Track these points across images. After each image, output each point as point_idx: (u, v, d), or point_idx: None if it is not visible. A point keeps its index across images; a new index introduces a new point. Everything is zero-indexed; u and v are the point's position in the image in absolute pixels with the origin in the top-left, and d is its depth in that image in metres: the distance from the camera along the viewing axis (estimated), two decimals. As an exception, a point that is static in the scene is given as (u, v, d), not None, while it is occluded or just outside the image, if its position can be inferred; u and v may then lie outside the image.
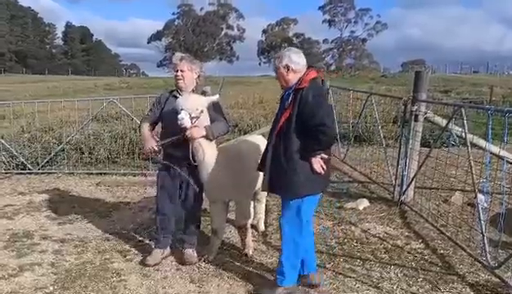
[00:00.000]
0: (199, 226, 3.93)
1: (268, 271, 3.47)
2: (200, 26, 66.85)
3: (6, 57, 68.39)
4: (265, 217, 4.42)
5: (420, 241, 4.03)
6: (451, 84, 26.00)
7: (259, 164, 3.22)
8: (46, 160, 7.01)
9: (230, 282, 3.40)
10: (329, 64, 65.84)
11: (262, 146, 3.49)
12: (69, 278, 3.48)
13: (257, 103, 16.07)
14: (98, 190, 6.06)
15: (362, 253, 3.82)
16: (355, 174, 6.30)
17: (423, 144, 5.27)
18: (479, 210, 3.58)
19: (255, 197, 4.11)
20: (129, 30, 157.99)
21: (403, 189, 4.87)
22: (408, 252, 3.81)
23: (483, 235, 3.47)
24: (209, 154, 3.39)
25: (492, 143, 4.06)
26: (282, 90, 3.12)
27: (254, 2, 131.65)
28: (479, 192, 3.86)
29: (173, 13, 69.02)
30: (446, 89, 22.81)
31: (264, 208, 4.38)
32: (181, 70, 3.59)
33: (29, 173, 6.89)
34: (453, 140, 4.39)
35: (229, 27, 70.03)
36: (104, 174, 6.79)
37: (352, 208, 4.87)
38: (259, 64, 70.87)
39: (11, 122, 8.51)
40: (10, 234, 4.39)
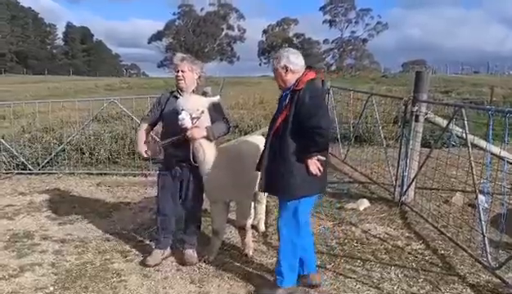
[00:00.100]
0: (199, 227, 3.93)
1: (269, 272, 3.47)
2: (201, 26, 66.89)
3: (6, 58, 68.46)
4: (265, 218, 4.42)
5: (421, 241, 4.03)
6: (452, 84, 25.99)
7: (257, 164, 3.23)
8: (46, 160, 7.02)
9: (230, 282, 3.40)
10: (329, 64, 65.97)
11: (262, 146, 3.48)
12: (69, 279, 3.48)
13: (257, 103, 16.08)
14: (99, 190, 6.06)
15: (363, 254, 3.82)
16: (355, 174, 6.30)
17: (423, 144, 5.27)
18: (480, 210, 3.58)
19: (255, 197, 4.11)
20: (129, 30, 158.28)
21: (404, 190, 4.87)
22: (409, 253, 3.81)
23: (484, 236, 3.47)
24: (210, 155, 3.39)
25: (493, 143, 4.06)
26: (280, 90, 3.11)
27: (254, 3, 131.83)
28: (480, 192, 3.85)
29: (174, 13, 69.20)
30: (446, 89, 22.80)
31: (264, 209, 4.38)
32: (182, 71, 3.59)
33: (30, 173, 6.89)
34: (454, 141, 4.38)
35: (229, 27, 70.12)
36: (104, 174, 6.80)
37: (352, 209, 4.87)
38: (260, 64, 70.96)
39: (12, 123, 8.51)
40: (10, 235, 4.40)
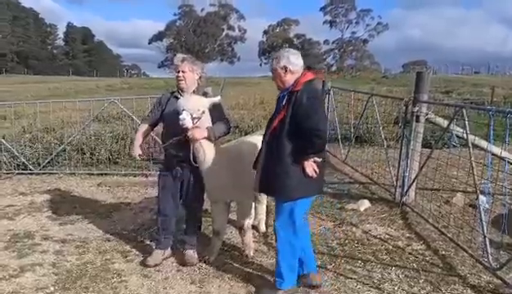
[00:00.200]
0: (200, 227, 3.94)
1: (269, 272, 3.46)
2: (201, 27, 66.87)
3: (7, 58, 68.52)
4: (266, 218, 4.42)
5: (422, 242, 4.03)
6: (453, 85, 25.99)
7: (254, 162, 3.21)
8: (47, 160, 7.02)
9: (231, 283, 3.40)
10: (330, 65, 65.87)
11: None
12: (70, 279, 3.48)
13: (257, 104, 16.08)
14: (99, 191, 6.06)
15: (363, 254, 3.82)
16: (356, 175, 6.29)
17: (424, 145, 5.26)
18: (481, 211, 3.58)
19: (256, 198, 4.10)
20: (130, 31, 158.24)
21: (404, 190, 4.86)
22: (409, 253, 3.80)
23: (485, 236, 3.46)
24: (211, 155, 3.39)
25: (494, 144, 4.06)
26: (279, 91, 3.10)
27: (255, 3, 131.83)
28: (481, 193, 3.85)
29: (174, 14, 69.18)
30: (447, 90, 22.80)
31: (265, 209, 4.38)
32: (182, 71, 3.58)
33: (31, 173, 6.89)
34: (454, 141, 4.38)
35: (230, 28, 70.08)
36: (105, 174, 6.80)
37: (353, 209, 4.86)
38: (260, 65, 70.82)
39: (13, 123, 8.51)
40: (11, 235, 4.40)
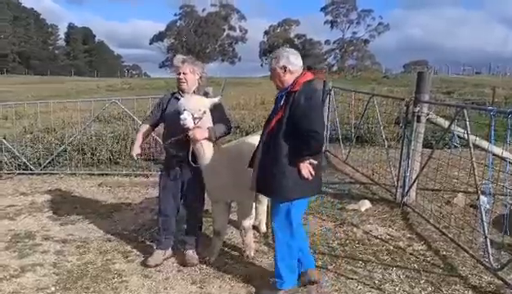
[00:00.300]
0: (201, 227, 3.93)
1: (270, 272, 3.45)
2: (202, 27, 66.86)
3: (9, 58, 68.57)
4: (266, 218, 4.41)
5: (423, 242, 4.02)
6: (454, 85, 25.95)
7: (250, 161, 3.20)
8: (48, 161, 7.03)
9: (231, 283, 3.39)
10: (331, 65, 65.77)
11: None
12: (70, 279, 3.48)
13: (258, 104, 16.07)
14: (100, 191, 6.07)
15: (364, 255, 3.81)
16: (357, 175, 6.28)
17: (425, 145, 5.26)
18: (482, 211, 3.57)
19: (257, 198, 4.10)
20: (130, 31, 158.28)
21: (405, 191, 4.85)
22: (410, 254, 3.80)
23: (486, 237, 3.45)
24: (211, 155, 3.39)
25: (495, 144, 4.05)
26: (277, 90, 3.09)
27: (256, 4, 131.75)
28: (482, 193, 3.84)
29: (175, 14, 69.12)
30: (448, 90, 22.76)
31: (266, 209, 4.37)
32: (183, 73, 3.57)
33: (31, 174, 6.90)
34: (455, 142, 4.37)
35: (231, 28, 70.03)
36: (106, 175, 6.80)
37: (353, 209, 4.86)
38: (261, 65, 70.67)
39: (14, 123, 8.53)
40: (12, 235, 4.41)
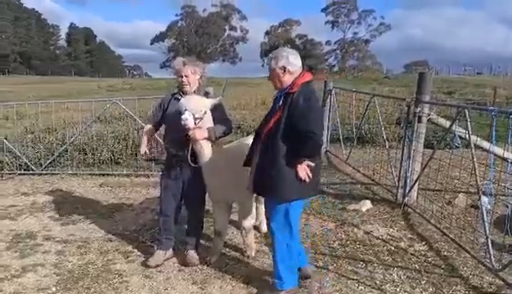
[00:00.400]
0: (202, 227, 3.93)
1: (270, 273, 3.44)
2: (203, 27, 66.92)
3: (10, 58, 68.67)
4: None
5: (424, 243, 4.02)
6: (455, 85, 25.90)
7: (246, 160, 3.19)
8: (49, 161, 7.03)
9: (232, 283, 3.39)
10: (332, 65, 65.75)
11: None
12: (71, 279, 3.49)
13: (259, 104, 16.06)
14: (101, 191, 6.07)
15: (365, 255, 3.81)
16: (358, 175, 6.28)
17: (426, 145, 5.25)
18: (483, 212, 3.57)
19: (257, 198, 4.10)
20: (130, 31, 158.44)
21: (406, 191, 4.85)
22: (411, 254, 3.79)
23: (487, 237, 3.45)
24: (211, 155, 3.39)
25: (496, 144, 4.05)
26: (276, 90, 3.08)
27: (257, 4, 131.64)
28: (483, 194, 3.83)
29: (176, 14, 69.28)
30: (449, 90, 22.72)
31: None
32: (185, 75, 3.56)
33: (33, 174, 6.91)
34: (456, 142, 4.37)
35: (232, 28, 70.10)
36: (107, 175, 6.80)
37: (354, 210, 4.85)
38: (262, 65, 70.51)
39: (15, 123, 8.53)
40: (13, 235, 4.41)
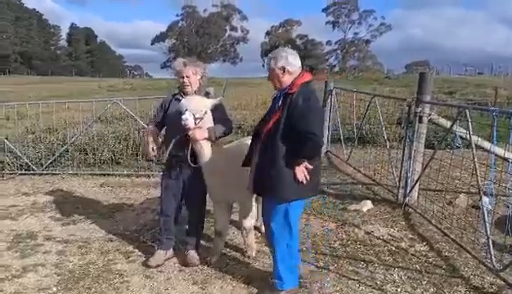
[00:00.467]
0: (202, 228, 3.93)
1: (271, 273, 3.44)
2: (204, 27, 66.95)
3: (11, 58, 68.75)
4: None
5: (425, 243, 4.01)
6: (456, 85, 25.87)
7: (245, 160, 3.19)
8: (50, 161, 7.04)
9: (233, 283, 3.39)
10: (332, 65, 65.71)
11: None
12: (72, 279, 3.49)
13: (260, 104, 16.05)
14: (102, 191, 6.07)
15: (366, 255, 3.80)
16: (358, 176, 6.27)
17: (427, 145, 5.24)
18: (484, 212, 3.56)
19: (258, 198, 4.09)
20: (130, 31, 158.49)
21: (407, 191, 4.84)
22: (412, 255, 3.79)
23: (488, 238, 3.44)
24: (211, 155, 3.39)
25: (497, 145, 4.05)
26: (275, 90, 3.08)
27: (257, 4, 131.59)
28: (484, 194, 3.83)
29: (177, 14, 69.33)
30: (450, 90, 22.71)
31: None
32: (186, 76, 3.56)
33: (33, 174, 6.91)
34: (457, 142, 4.36)
35: (232, 28, 70.10)
36: (107, 175, 6.81)
37: (355, 210, 4.85)
38: (263, 65, 70.47)
39: (16, 123, 8.54)
40: (14, 235, 4.41)
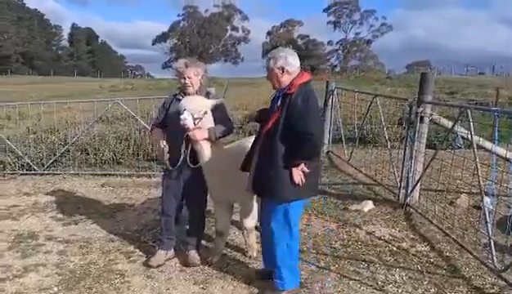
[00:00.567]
0: (203, 228, 3.93)
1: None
2: (205, 28, 66.95)
3: (12, 59, 68.81)
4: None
5: (426, 243, 4.01)
6: (457, 85, 25.85)
7: (243, 164, 3.19)
8: (51, 161, 7.04)
9: (233, 284, 3.39)
10: (334, 65, 65.66)
11: None
12: (73, 279, 3.49)
13: (261, 104, 16.04)
14: (103, 191, 6.07)
15: (367, 255, 3.80)
16: (360, 176, 6.27)
17: (428, 145, 5.23)
18: (485, 212, 3.55)
19: (259, 198, 4.09)
20: (132, 32, 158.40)
21: (408, 191, 4.84)
22: (413, 255, 3.79)
23: (490, 238, 3.44)
24: (212, 155, 3.38)
25: (498, 145, 4.04)
26: (274, 90, 3.08)
27: (259, 4, 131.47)
28: (485, 194, 3.82)
29: (178, 15, 69.37)
30: (451, 90, 22.70)
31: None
32: (188, 77, 3.55)
33: (35, 174, 6.92)
34: (459, 142, 4.36)
35: (234, 28, 70.08)
36: (108, 175, 6.81)
37: (356, 210, 4.85)
38: (264, 65, 70.51)
39: (17, 123, 8.56)
40: (15, 235, 4.42)
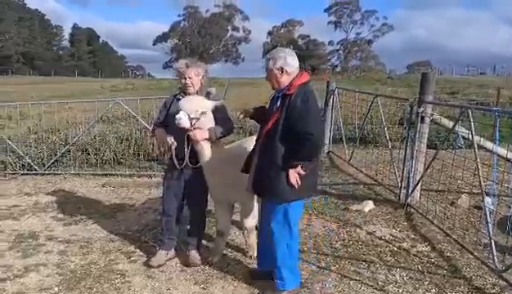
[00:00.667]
0: (204, 228, 3.93)
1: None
2: (206, 28, 66.95)
3: (13, 59, 68.83)
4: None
5: (426, 244, 4.00)
6: (458, 86, 25.83)
7: (244, 165, 3.19)
8: (52, 161, 7.05)
9: (234, 284, 3.39)
10: (334, 65, 65.64)
11: None
12: (73, 279, 3.49)
13: (261, 104, 16.03)
14: (103, 191, 6.08)
15: (368, 256, 3.80)
16: (360, 176, 6.26)
17: (429, 145, 5.23)
18: (486, 212, 3.55)
19: (259, 199, 4.09)
20: (133, 32, 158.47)
21: (409, 192, 4.83)
22: (414, 255, 3.78)
23: (490, 238, 3.43)
24: (212, 155, 3.39)
25: (499, 145, 4.03)
26: (273, 90, 3.09)
27: (258, 4, 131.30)
28: (486, 194, 3.82)
29: (179, 15, 69.38)
30: (452, 90, 22.69)
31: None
32: (189, 77, 3.56)
33: (35, 174, 6.92)
34: (459, 142, 4.35)
35: (234, 29, 70.06)
36: (109, 175, 6.81)
37: (357, 210, 4.84)
38: (263, 66, 70.44)
39: (18, 123, 8.57)
40: (15, 235, 4.42)
